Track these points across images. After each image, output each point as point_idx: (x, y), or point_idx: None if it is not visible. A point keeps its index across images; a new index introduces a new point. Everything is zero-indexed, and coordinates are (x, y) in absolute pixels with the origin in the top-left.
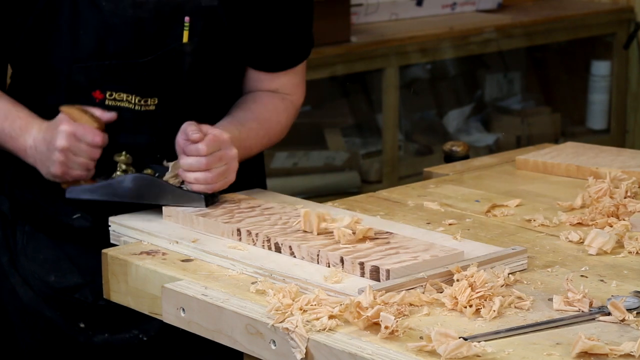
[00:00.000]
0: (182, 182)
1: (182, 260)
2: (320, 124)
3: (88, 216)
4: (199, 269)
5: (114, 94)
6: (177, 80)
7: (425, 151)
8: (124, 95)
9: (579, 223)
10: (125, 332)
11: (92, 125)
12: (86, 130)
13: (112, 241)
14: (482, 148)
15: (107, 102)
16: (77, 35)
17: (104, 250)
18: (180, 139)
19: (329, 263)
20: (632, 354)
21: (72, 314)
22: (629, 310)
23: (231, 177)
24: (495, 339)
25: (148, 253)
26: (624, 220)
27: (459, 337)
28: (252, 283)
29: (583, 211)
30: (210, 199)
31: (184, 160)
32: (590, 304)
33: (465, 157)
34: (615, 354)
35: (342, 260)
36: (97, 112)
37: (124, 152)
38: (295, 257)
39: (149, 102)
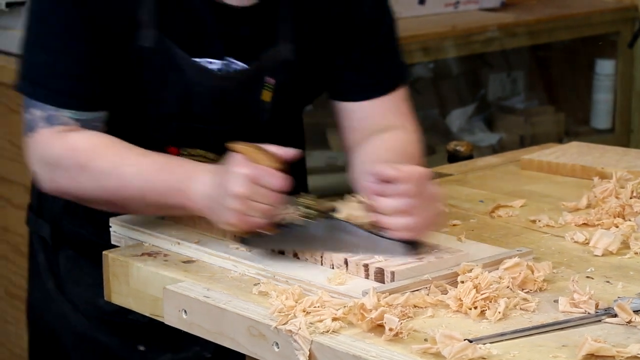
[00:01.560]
0: (375, 227)
1: (184, 262)
2: (322, 124)
3: None
4: (201, 271)
5: (189, 150)
6: (254, 134)
7: (428, 151)
8: (201, 152)
9: (584, 224)
10: (187, 351)
11: (273, 165)
12: (267, 172)
13: (113, 242)
14: (485, 148)
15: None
16: (159, 95)
17: (104, 252)
18: (371, 181)
19: (332, 265)
20: (639, 355)
21: (130, 337)
22: (636, 311)
23: (441, 221)
24: (501, 341)
25: (149, 254)
26: (629, 220)
27: (464, 339)
28: (255, 285)
29: (588, 211)
30: (414, 247)
31: (386, 203)
32: (597, 306)
33: (469, 157)
34: (622, 356)
35: (346, 262)
36: (278, 149)
37: (303, 193)
38: (298, 258)
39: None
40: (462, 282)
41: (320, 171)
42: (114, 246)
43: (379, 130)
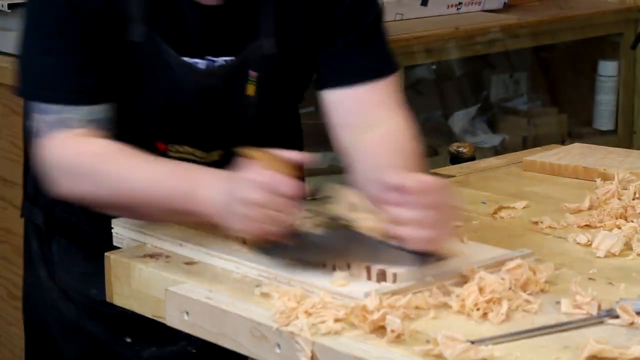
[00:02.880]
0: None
1: (186, 263)
2: (324, 125)
3: None
4: (203, 272)
5: (176, 146)
6: (240, 130)
7: (431, 152)
8: (189, 149)
9: (586, 225)
10: (172, 345)
11: (287, 172)
12: (282, 180)
13: (114, 243)
14: (487, 149)
15: (170, 154)
16: (148, 90)
17: (106, 253)
18: (381, 189)
19: (334, 266)
20: None
21: (117, 328)
22: (638, 313)
23: (453, 232)
24: (503, 342)
25: (151, 256)
26: (632, 222)
27: (466, 341)
28: (257, 286)
29: (591, 213)
30: (427, 259)
31: (399, 213)
32: (599, 307)
33: (472, 158)
34: (624, 358)
35: (348, 264)
36: (293, 155)
37: (311, 197)
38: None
39: (213, 154)
40: (466, 282)
41: (323, 172)
42: (106, 235)
43: (371, 125)
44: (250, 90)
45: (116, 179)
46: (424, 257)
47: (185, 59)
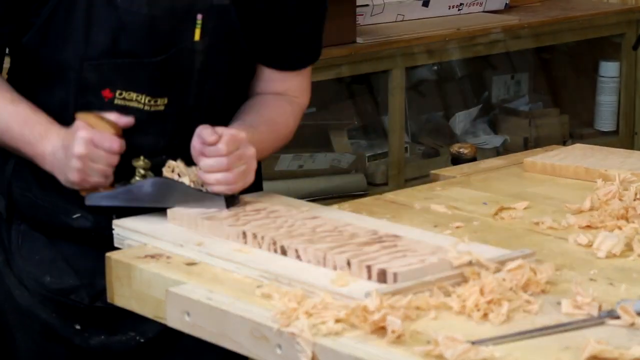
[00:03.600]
0: (202, 185)
1: (187, 264)
2: (325, 126)
3: (89, 216)
4: (203, 273)
5: (123, 93)
6: (187, 80)
7: (432, 153)
8: (134, 95)
9: (587, 226)
10: (121, 334)
11: (110, 131)
12: (104, 137)
13: (115, 244)
14: (489, 150)
15: (116, 102)
16: (90, 33)
17: (107, 254)
18: (196, 142)
19: (335, 266)
20: None
21: (68, 315)
22: (639, 314)
23: (250, 177)
24: (503, 343)
25: (152, 256)
26: (633, 222)
27: (467, 341)
28: (258, 287)
29: (592, 214)
30: (231, 200)
31: (204, 162)
32: (599, 308)
33: (473, 159)
34: (624, 358)
35: (348, 264)
36: (113, 116)
37: (142, 157)
38: (301, 260)
39: (158, 102)
40: (467, 282)
41: (324, 173)
42: (61, 210)
43: (268, 94)
44: (197, 35)
45: None
46: (227, 198)
47: None
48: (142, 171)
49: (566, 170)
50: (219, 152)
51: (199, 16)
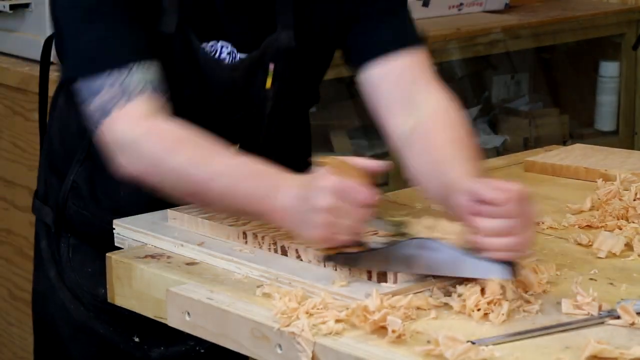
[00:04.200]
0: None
1: (187, 264)
2: (326, 126)
3: None
4: (204, 272)
5: None
6: (258, 126)
7: None
8: None
9: (587, 226)
10: (181, 344)
11: (360, 179)
12: (354, 186)
13: (116, 244)
14: (489, 150)
15: None
16: (175, 84)
17: (108, 254)
18: (464, 200)
19: (336, 266)
20: None
21: (125, 328)
22: (639, 313)
23: (534, 239)
24: (504, 342)
25: (153, 256)
26: (633, 222)
27: (467, 341)
28: (258, 287)
29: (592, 214)
30: (513, 269)
31: (487, 223)
32: (600, 308)
33: None
34: (625, 358)
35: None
36: (365, 161)
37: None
38: (301, 260)
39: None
40: (466, 284)
41: None
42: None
43: (416, 105)
44: (269, 83)
45: (191, 167)
46: (506, 265)
47: (209, 44)
48: (393, 227)
49: (566, 170)
50: (508, 213)
51: (271, 66)
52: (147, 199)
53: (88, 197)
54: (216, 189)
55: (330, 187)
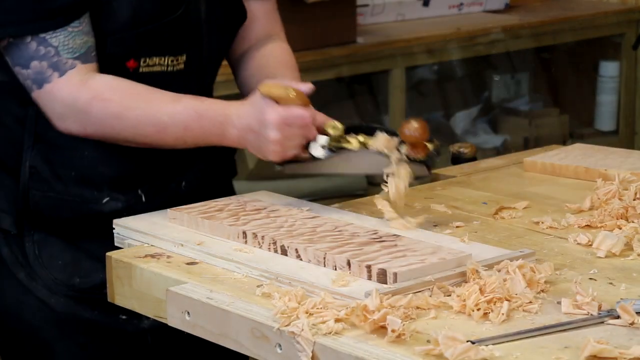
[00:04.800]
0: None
1: (187, 263)
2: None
3: (120, 196)
4: (204, 272)
5: (147, 59)
6: (198, 32)
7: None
8: (156, 60)
9: (587, 225)
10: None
11: (297, 103)
12: (294, 113)
13: (116, 244)
14: (489, 149)
15: (141, 70)
16: (110, 8)
17: (108, 254)
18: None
19: (335, 266)
20: None
21: (110, 309)
22: (639, 313)
23: None
24: (503, 342)
25: (152, 256)
26: (633, 222)
27: (467, 341)
28: (258, 286)
29: (592, 213)
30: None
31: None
32: (599, 307)
33: (473, 158)
34: (624, 358)
35: (348, 263)
36: (298, 84)
37: (336, 122)
38: (301, 260)
39: (179, 61)
40: (466, 282)
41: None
42: (94, 204)
43: (264, 38)
44: None
45: (142, 124)
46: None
47: None
48: (349, 139)
49: (566, 170)
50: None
51: None
52: (108, 155)
53: (50, 176)
54: (170, 139)
55: (277, 120)
